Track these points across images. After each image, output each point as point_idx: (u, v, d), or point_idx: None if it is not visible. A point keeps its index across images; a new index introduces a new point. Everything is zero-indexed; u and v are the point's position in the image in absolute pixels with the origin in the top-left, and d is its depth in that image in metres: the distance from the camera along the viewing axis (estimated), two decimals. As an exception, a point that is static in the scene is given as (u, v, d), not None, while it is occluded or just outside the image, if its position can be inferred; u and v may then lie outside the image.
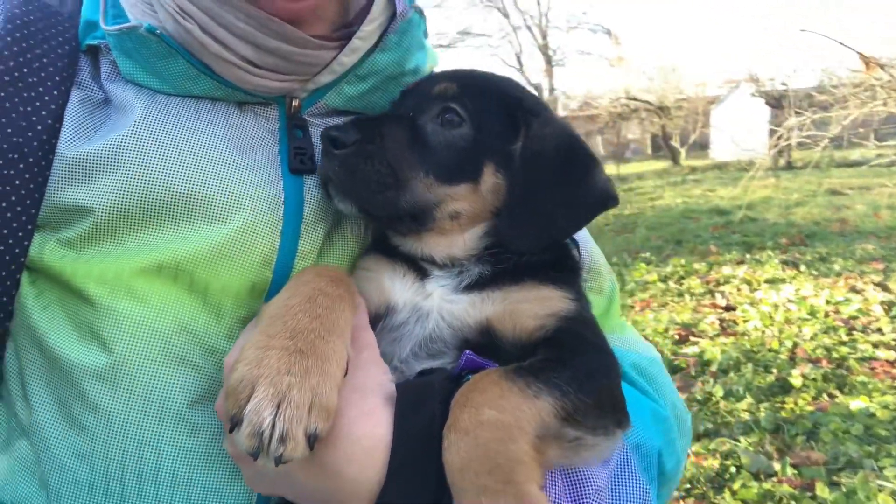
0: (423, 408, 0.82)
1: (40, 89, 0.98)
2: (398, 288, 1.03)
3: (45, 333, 0.96)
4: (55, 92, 0.99)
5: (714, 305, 6.26)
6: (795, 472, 3.29)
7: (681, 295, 6.77)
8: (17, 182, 0.94)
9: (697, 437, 3.75)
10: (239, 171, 1.01)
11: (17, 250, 0.95)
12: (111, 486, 0.93)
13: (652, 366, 1.19)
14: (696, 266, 7.81)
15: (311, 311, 0.83)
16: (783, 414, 3.93)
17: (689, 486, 3.26)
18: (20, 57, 0.98)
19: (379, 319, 1.01)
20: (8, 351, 1.00)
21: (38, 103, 0.98)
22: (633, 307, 6.48)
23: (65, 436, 0.95)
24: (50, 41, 1.02)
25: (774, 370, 4.56)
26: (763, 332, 5.41)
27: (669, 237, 10.06)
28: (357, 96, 1.14)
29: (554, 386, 0.83)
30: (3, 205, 0.93)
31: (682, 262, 8.04)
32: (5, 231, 0.94)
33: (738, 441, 3.64)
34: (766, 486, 3.18)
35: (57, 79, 1.00)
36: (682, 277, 7.44)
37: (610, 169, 25.59)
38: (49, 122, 0.97)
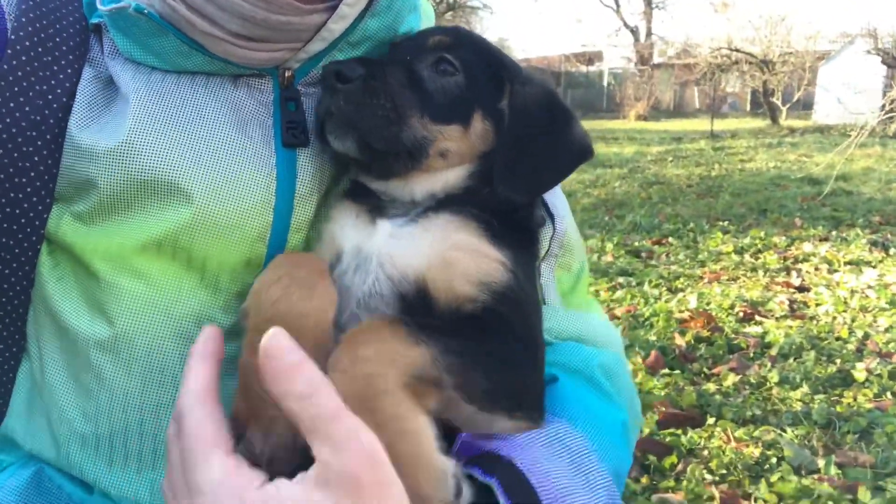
0: None
1: (55, 67, 1.04)
2: (348, 232, 1.07)
3: (58, 303, 1.05)
4: (69, 70, 1.05)
5: (787, 284, 6.05)
6: (839, 471, 3.23)
7: (754, 270, 6.56)
8: (36, 158, 1.01)
9: (743, 423, 3.71)
10: (233, 150, 1.05)
11: (37, 223, 1.03)
12: (115, 444, 1.04)
13: (616, 364, 1.20)
14: (776, 240, 7.51)
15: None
16: (838, 409, 3.82)
17: (724, 471, 3.25)
18: (35, 37, 1.03)
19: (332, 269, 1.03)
20: (29, 315, 1.10)
21: (53, 81, 1.03)
22: (702, 278, 6.34)
23: (73, 397, 1.06)
24: (62, 20, 1.07)
25: (838, 361, 4.41)
26: (834, 318, 5.21)
27: (754, 205, 9.67)
28: None
29: (440, 343, 0.84)
30: (24, 180, 1.00)
31: (762, 234, 7.75)
32: (26, 205, 1.02)
33: (784, 432, 3.59)
34: (806, 482, 3.14)
35: (70, 57, 1.05)
36: (759, 251, 7.19)
37: (703, 123, 24.55)
38: (64, 99, 1.03)
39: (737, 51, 25.19)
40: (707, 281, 6.24)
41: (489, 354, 0.90)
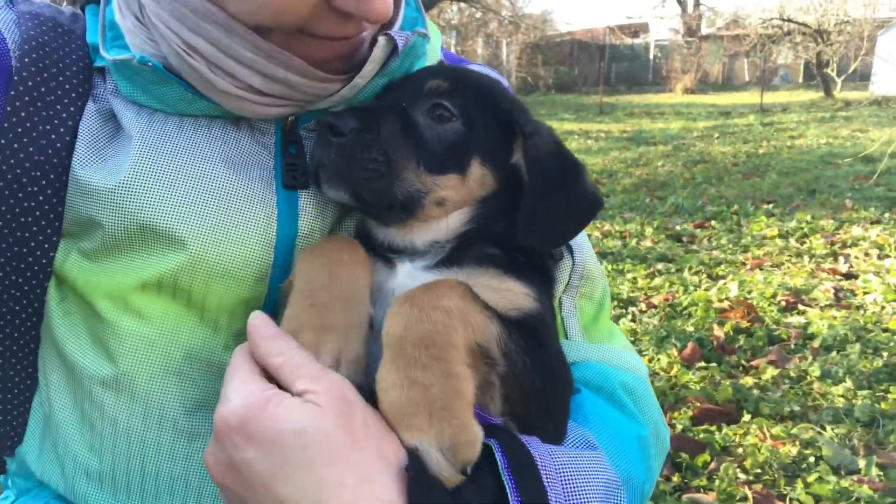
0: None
1: (58, 107, 1.05)
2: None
3: (63, 338, 1.08)
4: (72, 108, 1.06)
5: (833, 271, 5.86)
6: (881, 473, 3.13)
7: (799, 255, 6.37)
8: (41, 197, 1.03)
9: (780, 419, 3.63)
10: (232, 192, 1.06)
11: (44, 260, 1.05)
12: (118, 479, 1.07)
13: (639, 384, 1.22)
14: (824, 223, 7.27)
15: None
16: (883, 406, 3.70)
17: (759, 471, 3.19)
18: (38, 77, 1.04)
19: None
20: (40, 348, 1.13)
21: (56, 121, 1.05)
22: (744, 265, 6.18)
23: (78, 430, 1.09)
24: (64, 60, 1.08)
25: (885, 354, 4.27)
26: (882, 307, 5.03)
27: (803, 185, 9.37)
28: None
29: (505, 327, 0.90)
30: (30, 219, 1.03)
31: (809, 217, 7.50)
32: (33, 243, 1.04)
33: (824, 429, 3.49)
34: (845, 483, 3.06)
35: (73, 95, 1.07)
36: (805, 235, 6.96)
37: (753, 97, 23.80)
38: (67, 138, 1.05)
39: (789, 21, 24.25)
40: (749, 268, 6.08)
41: (538, 360, 0.93)
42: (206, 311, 1.07)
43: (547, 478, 0.85)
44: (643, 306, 5.32)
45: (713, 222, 7.67)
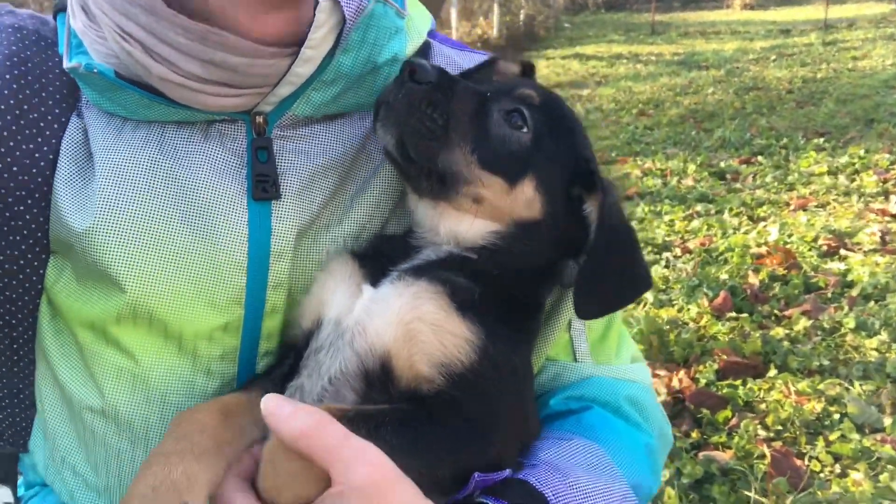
0: None
1: (41, 124, 1.05)
2: (336, 298, 1.07)
3: (55, 362, 1.10)
4: (55, 125, 1.06)
5: (883, 212, 5.63)
6: (905, 432, 3.12)
7: (847, 194, 6.13)
8: (28, 217, 1.04)
9: (808, 374, 3.60)
10: (199, 212, 1.04)
11: (34, 278, 1.07)
12: (112, 493, 1.11)
13: (644, 395, 1.25)
14: (878, 157, 6.94)
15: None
16: (917, 360, 3.63)
17: (780, 428, 3.20)
18: (20, 94, 1.03)
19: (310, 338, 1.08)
20: (37, 365, 1.16)
21: (39, 139, 1.04)
22: (788, 205, 6.00)
23: (74, 444, 1.13)
24: (48, 74, 1.07)
25: (927, 304, 4.15)
26: (931, 253, 4.85)
27: (860, 114, 8.91)
28: (329, 101, 1.12)
29: (386, 440, 0.87)
30: (18, 238, 1.04)
31: (862, 151, 7.17)
32: (22, 262, 1.05)
33: (852, 385, 3.46)
34: (867, 442, 3.05)
35: (56, 111, 1.06)
36: (857, 171, 6.68)
37: (817, 11, 22.40)
38: (50, 156, 1.04)
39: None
40: (793, 208, 5.90)
41: (431, 444, 0.92)
42: (184, 339, 1.07)
43: None
44: (678, 251, 5.25)
45: (760, 157, 7.42)
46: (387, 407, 0.94)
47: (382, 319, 0.98)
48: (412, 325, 0.96)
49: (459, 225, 1.07)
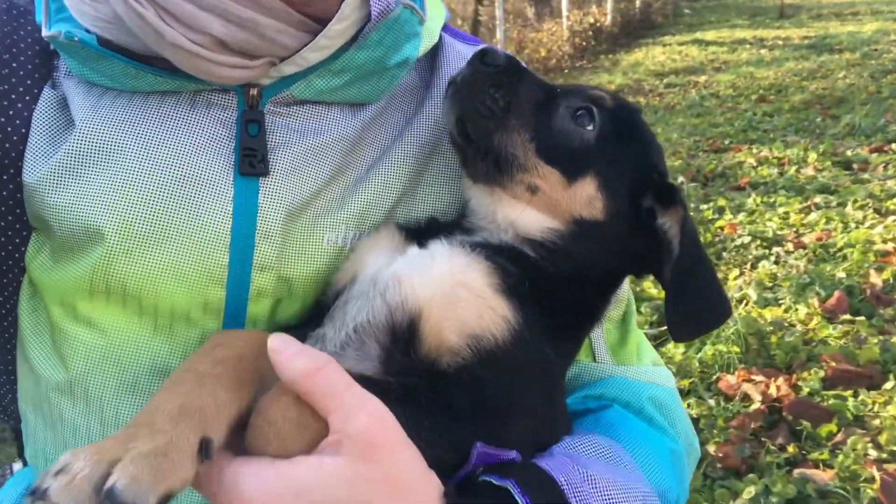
0: None
1: (12, 96, 1.01)
2: (375, 258, 1.04)
3: (27, 338, 1.07)
4: (27, 97, 1.01)
5: None
6: None
7: None
8: (5, 193, 1.01)
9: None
10: (181, 183, 0.98)
11: (16, 255, 1.04)
12: None
13: (668, 397, 1.17)
14: None
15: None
16: None
17: (895, 448, 2.80)
18: None
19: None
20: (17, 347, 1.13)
21: (11, 112, 1.00)
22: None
23: (44, 432, 1.08)
24: (19, 44, 1.03)
25: None
26: None
27: None
28: (329, 90, 1.06)
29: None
30: None
31: None
32: (3, 239, 1.03)
33: None
34: None
35: (28, 82, 1.02)
36: None
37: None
38: (22, 130, 1.00)
39: None
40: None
41: (437, 422, 0.85)
42: (159, 317, 1.01)
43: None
44: (790, 246, 4.79)
45: (894, 146, 6.66)
46: (394, 380, 0.89)
47: (423, 276, 0.95)
48: (454, 289, 0.93)
49: (517, 213, 1.04)
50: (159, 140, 0.99)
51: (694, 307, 1.01)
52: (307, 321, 1.05)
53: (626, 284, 1.20)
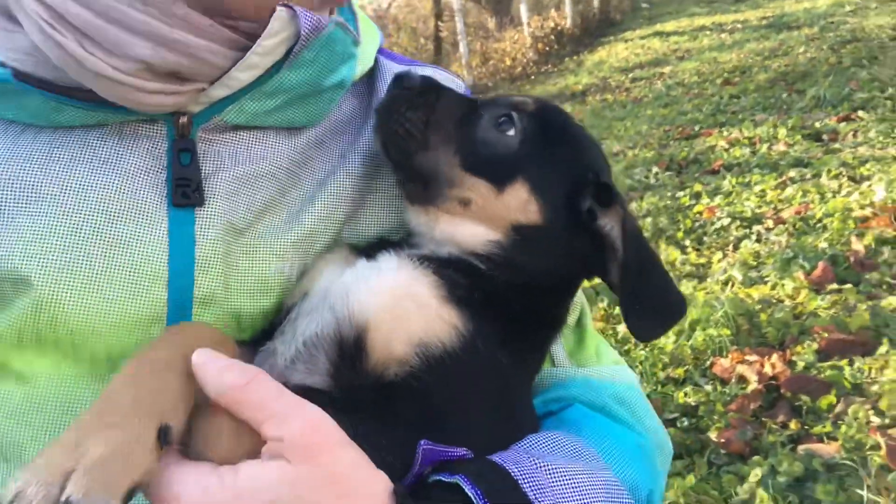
0: None
1: None
2: (326, 275, 1.03)
3: None
4: None
5: None
6: None
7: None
8: None
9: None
10: (112, 221, 0.93)
11: None
12: None
13: (631, 394, 1.14)
14: None
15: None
16: None
17: (898, 413, 2.75)
18: None
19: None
20: None
21: None
22: (896, 159, 5.35)
23: None
24: None
25: None
26: None
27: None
28: (263, 113, 1.02)
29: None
30: None
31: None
32: None
33: None
34: None
35: None
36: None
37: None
38: None
39: None
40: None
41: (381, 429, 0.84)
42: (96, 363, 0.95)
43: (535, 495, 0.78)
44: (770, 223, 4.77)
45: (861, 113, 6.69)
46: (334, 387, 0.88)
47: (370, 288, 0.94)
48: (401, 302, 0.92)
49: (455, 229, 1.02)
50: (86, 177, 0.94)
51: (649, 305, 1.00)
52: (257, 337, 1.02)
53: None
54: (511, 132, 1.05)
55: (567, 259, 1.05)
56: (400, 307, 0.91)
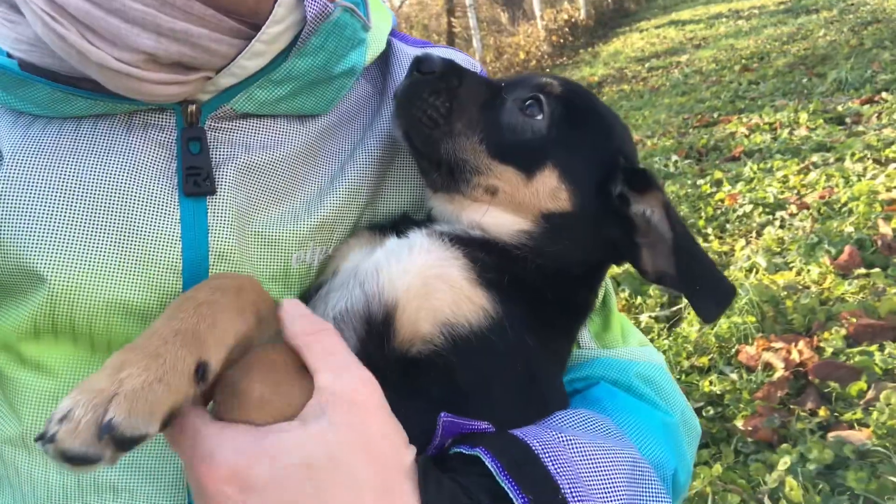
0: None
1: None
2: (354, 254, 1.03)
3: None
4: None
5: None
6: None
7: None
8: None
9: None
10: (125, 212, 0.93)
11: None
12: None
13: (657, 373, 1.12)
14: None
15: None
16: None
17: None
18: None
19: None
20: None
21: None
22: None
23: (2, 489, 1.01)
24: None
25: None
26: None
27: None
28: (272, 101, 1.00)
29: None
30: None
31: None
32: None
33: None
34: None
35: None
36: None
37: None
38: None
39: None
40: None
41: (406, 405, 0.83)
42: (113, 351, 0.94)
43: (556, 469, 0.77)
44: (793, 208, 4.68)
45: (885, 94, 6.55)
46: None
47: (400, 266, 0.94)
48: (431, 282, 0.91)
49: (483, 219, 1.00)
50: (95, 169, 0.93)
51: (707, 287, 0.97)
52: None
53: None
54: (539, 116, 1.02)
55: (597, 245, 1.03)
56: (430, 286, 0.90)
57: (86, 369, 0.95)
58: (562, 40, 17.34)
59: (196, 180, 0.95)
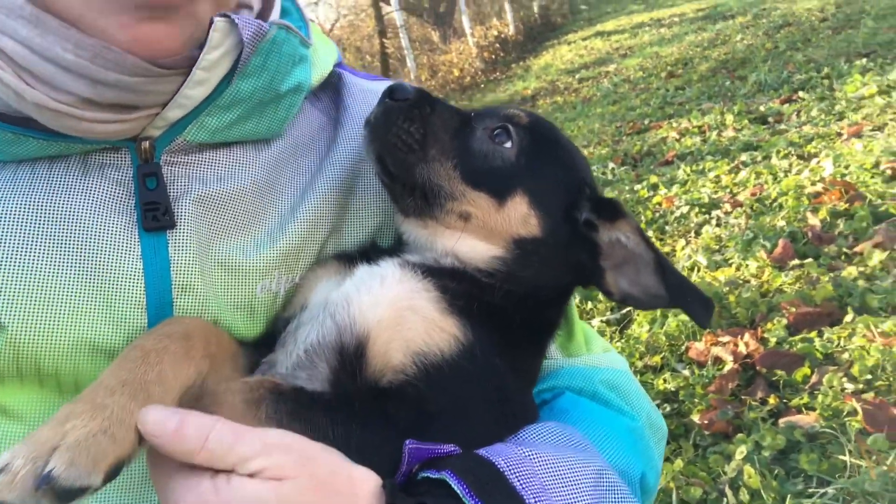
0: None
1: None
2: (323, 285, 1.03)
3: None
4: None
5: (948, 122, 5.12)
6: None
7: (905, 111, 5.62)
8: None
9: (893, 311, 3.20)
10: (86, 252, 0.93)
11: None
12: None
13: (621, 378, 1.16)
14: (933, 66, 6.37)
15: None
16: None
17: (869, 377, 2.82)
18: None
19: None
20: None
21: None
22: (840, 135, 5.53)
23: None
24: None
25: None
26: None
27: (905, 26, 8.27)
28: (224, 127, 1.01)
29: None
30: None
31: (914, 62, 6.60)
32: None
33: (946, 317, 3.05)
34: (971, 378, 2.66)
35: None
36: (912, 86, 6.13)
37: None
38: None
39: None
40: (846, 137, 5.42)
41: (365, 435, 0.85)
42: (81, 390, 0.94)
43: (522, 484, 0.79)
44: (727, 207, 4.88)
45: (801, 93, 6.91)
46: (328, 391, 0.90)
47: (372, 297, 0.94)
48: (404, 314, 0.92)
49: (457, 245, 1.02)
50: (52, 211, 0.93)
51: (694, 296, 1.02)
52: (257, 346, 1.03)
53: None
54: (508, 144, 1.05)
55: (565, 269, 1.07)
56: (402, 318, 0.92)
57: (53, 411, 0.92)
58: (493, 56, 17.65)
59: (155, 215, 0.96)
